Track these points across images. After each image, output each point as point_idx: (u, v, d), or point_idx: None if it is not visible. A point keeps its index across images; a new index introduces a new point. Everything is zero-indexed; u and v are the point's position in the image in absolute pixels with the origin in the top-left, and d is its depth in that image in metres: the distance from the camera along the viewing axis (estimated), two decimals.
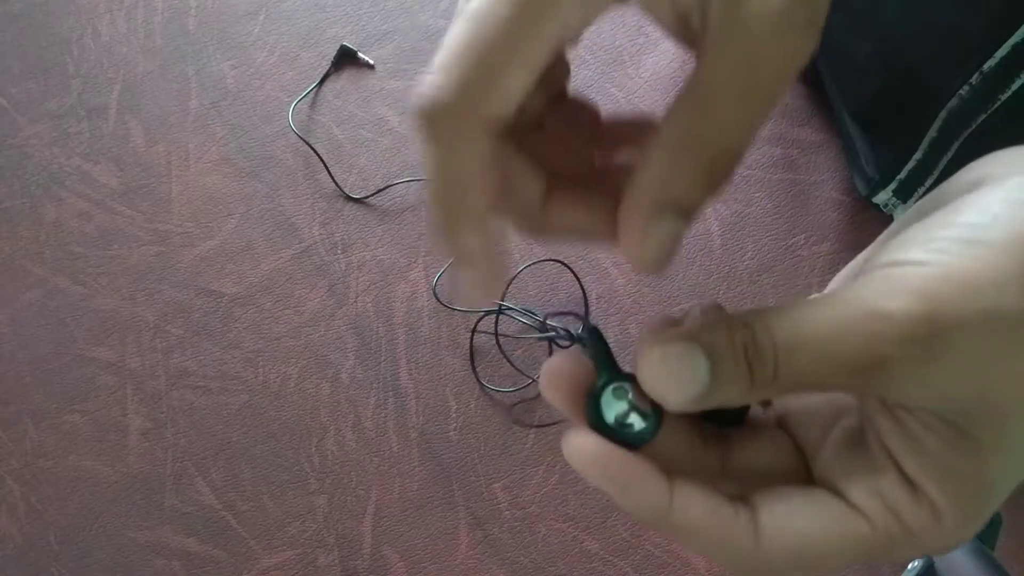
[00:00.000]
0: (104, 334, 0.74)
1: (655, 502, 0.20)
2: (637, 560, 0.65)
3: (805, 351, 0.18)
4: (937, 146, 0.57)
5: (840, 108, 0.67)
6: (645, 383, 0.19)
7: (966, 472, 0.18)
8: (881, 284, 0.18)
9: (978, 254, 0.18)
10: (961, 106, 0.54)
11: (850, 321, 0.18)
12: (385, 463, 0.69)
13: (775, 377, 0.19)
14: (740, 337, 0.19)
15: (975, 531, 0.20)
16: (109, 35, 0.84)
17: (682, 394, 0.19)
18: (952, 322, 0.17)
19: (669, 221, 0.19)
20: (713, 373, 0.19)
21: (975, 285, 0.17)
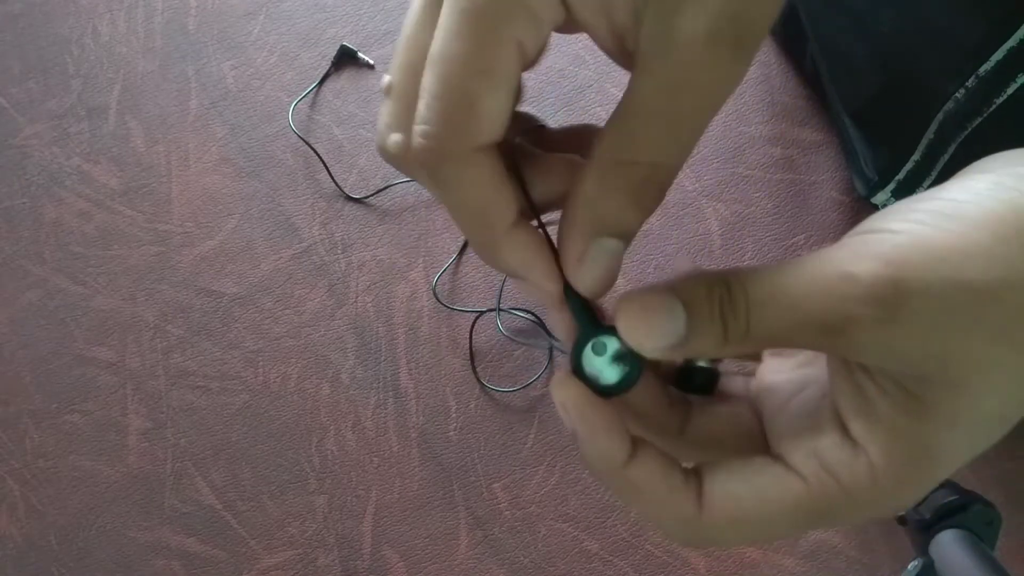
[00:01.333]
0: (104, 334, 0.74)
1: (616, 453, 0.21)
2: (637, 560, 0.65)
3: (775, 307, 0.19)
4: (934, 148, 0.58)
5: (839, 109, 0.67)
6: (623, 330, 0.20)
7: (912, 436, 0.19)
8: (852, 248, 0.19)
9: (952, 226, 0.18)
10: (957, 109, 0.54)
11: (819, 281, 0.19)
12: (385, 463, 0.69)
13: (747, 331, 0.19)
14: (717, 291, 0.20)
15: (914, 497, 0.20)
16: (109, 35, 0.84)
17: (659, 341, 0.20)
18: (915, 287, 0.18)
19: (605, 243, 0.20)
20: (689, 324, 0.20)
21: (942, 254, 0.18)
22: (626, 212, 0.20)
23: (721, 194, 0.73)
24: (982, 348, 0.18)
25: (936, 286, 0.18)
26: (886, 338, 0.18)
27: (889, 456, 0.19)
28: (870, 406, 0.19)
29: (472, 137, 0.19)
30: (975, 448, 0.19)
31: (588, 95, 0.78)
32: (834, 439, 0.20)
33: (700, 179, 0.74)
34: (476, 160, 0.19)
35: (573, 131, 0.24)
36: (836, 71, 0.65)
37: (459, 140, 0.19)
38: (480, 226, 0.21)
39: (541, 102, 0.78)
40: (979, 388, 0.18)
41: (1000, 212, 0.18)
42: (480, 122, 0.19)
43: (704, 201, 0.73)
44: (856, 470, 0.19)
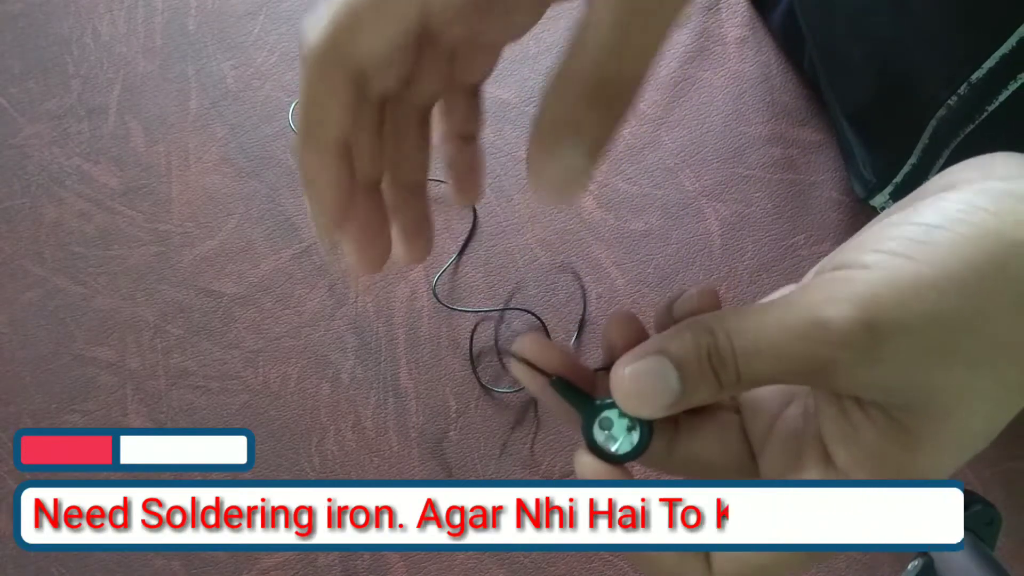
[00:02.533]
0: (104, 334, 0.74)
1: None
2: None
3: (760, 357, 0.20)
4: (929, 153, 0.58)
5: (836, 111, 0.67)
6: (622, 403, 0.21)
7: (898, 464, 0.19)
8: (825, 290, 0.19)
9: (924, 256, 0.18)
10: (950, 116, 0.54)
11: (796, 329, 0.19)
12: (385, 463, 0.69)
13: (738, 379, 0.20)
14: (704, 344, 0.20)
15: None
16: (109, 35, 0.84)
17: (656, 405, 0.21)
18: (890, 327, 0.18)
19: (568, 150, 0.20)
20: (682, 381, 0.20)
21: (915, 289, 0.18)
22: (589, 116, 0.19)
23: (721, 194, 0.73)
24: (963, 377, 0.18)
25: (911, 323, 0.18)
26: (867, 376, 0.19)
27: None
28: (856, 434, 0.20)
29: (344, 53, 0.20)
30: (956, 467, 0.20)
31: None
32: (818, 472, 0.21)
33: (700, 179, 0.74)
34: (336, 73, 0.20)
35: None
36: (833, 74, 0.66)
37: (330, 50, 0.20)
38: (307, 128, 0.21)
39: None
40: (962, 414, 0.19)
41: (972, 238, 0.18)
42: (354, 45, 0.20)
43: (704, 201, 0.73)
44: None
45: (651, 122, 0.76)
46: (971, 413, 0.19)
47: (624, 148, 0.75)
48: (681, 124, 0.76)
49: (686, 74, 0.77)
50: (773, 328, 0.20)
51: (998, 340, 0.18)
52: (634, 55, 0.19)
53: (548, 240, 0.73)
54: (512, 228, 0.74)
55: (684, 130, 0.76)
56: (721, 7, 0.79)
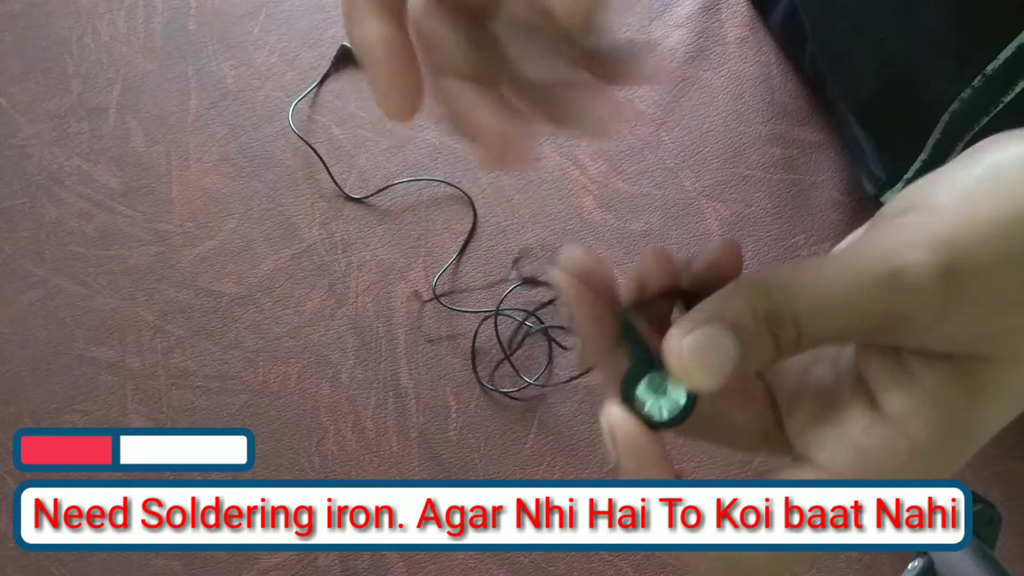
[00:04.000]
0: (104, 334, 0.74)
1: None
2: (637, 560, 0.65)
3: (827, 315, 0.18)
4: (941, 148, 0.57)
5: (844, 110, 0.67)
6: (681, 374, 0.20)
7: (958, 410, 0.18)
8: (900, 234, 0.18)
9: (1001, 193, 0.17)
10: (963, 109, 0.54)
11: (869, 279, 0.18)
12: (385, 463, 0.69)
13: (798, 340, 0.19)
14: (761, 306, 0.19)
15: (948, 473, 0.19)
16: (109, 35, 0.84)
17: (716, 376, 0.19)
18: (972, 270, 0.17)
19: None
20: (740, 347, 0.19)
21: (994, 229, 0.17)
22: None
23: (721, 194, 0.73)
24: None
25: (990, 266, 0.17)
26: (943, 326, 0.18)
27: (933, 431, 0.18)
28: (913, 380, 0.19)
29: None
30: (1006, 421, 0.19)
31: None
32: (864, 422, 0.19)
33: (700, 179, 0.74)
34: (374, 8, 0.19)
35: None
36: (838, 73, 0.65)
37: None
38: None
39: None
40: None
41: None
42: None
43: (704, 201, 0.73)
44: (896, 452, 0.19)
45: (651, 122, 0.76)
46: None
47: (624, 148, 0.76)
48: (681, 124, 0.76)
49: (686, 74, 0.77)
50: (839, 283, 0.18)
51: None
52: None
53: (548, 240, 0.73)
54: (512, 228, 0.74)
55: (684, 130, 0.76)
56: (721, 7, 0.79)
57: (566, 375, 0.70)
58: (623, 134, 0.75)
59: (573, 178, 0.75)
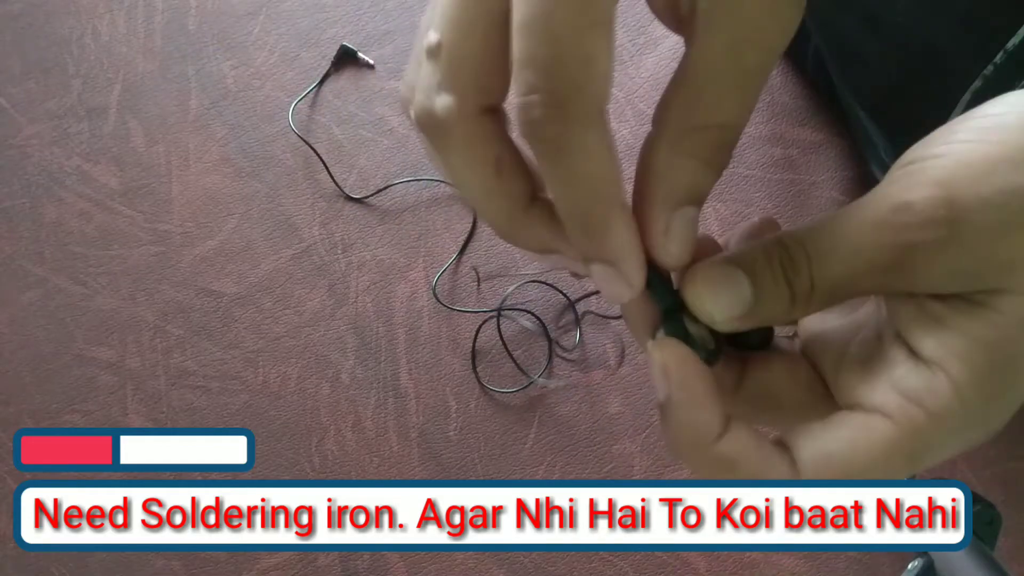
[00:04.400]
0: (104, 334, 0.74)
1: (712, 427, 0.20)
2: (637, 560, 0.65)
3: (836, 256, 0.19)
4: None
5: (852, 106, 0.67)
6: (693, 305, 0.20)
7: (989, 342, 0.18)
8: (902, 180, 0.19)
9: (994, 137, 0.18)
10: (986, 87, 0.53)
11: (876, 218, 0.19)
12: (385, 463, 0.69)
13: (812, 287, 0.19)
14: (776, 253, 0.20)
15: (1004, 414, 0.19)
16: (109, 35, 0.84)
17: (728, 311, 0.20)
18: (970, 202, 0.18)
19: (686, 212, 0.20)
20: (755, 291, 0.20)
21: (990, 165, 0.18)
22: (701, 178, 0.20)
23: (721, 194, 0.73)
24: None
25: (992, 196, 0.18)
26: (949, 259, 0.18)
27: (971, 366, 0.18)
28: (940, 323, 0.19)
29: (598, 95, 0.18)
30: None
31: None
32: (908, 367, 0.19)
33: None
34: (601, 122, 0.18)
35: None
36: (847, 68, 0.65)
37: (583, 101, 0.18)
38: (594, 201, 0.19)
39: None
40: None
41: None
42: (602, 77, 0.18)
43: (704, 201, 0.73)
44: (940, 391, 0.19)
45: (651, 122, 0.76)
46: None
47: (624, 148, 0.75)
48: None
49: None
50: (848, 226, 0.19)
51: None
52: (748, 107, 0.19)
53: None
54: None
55: None
56: None
57: (566, 375, 0.70)
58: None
59: None
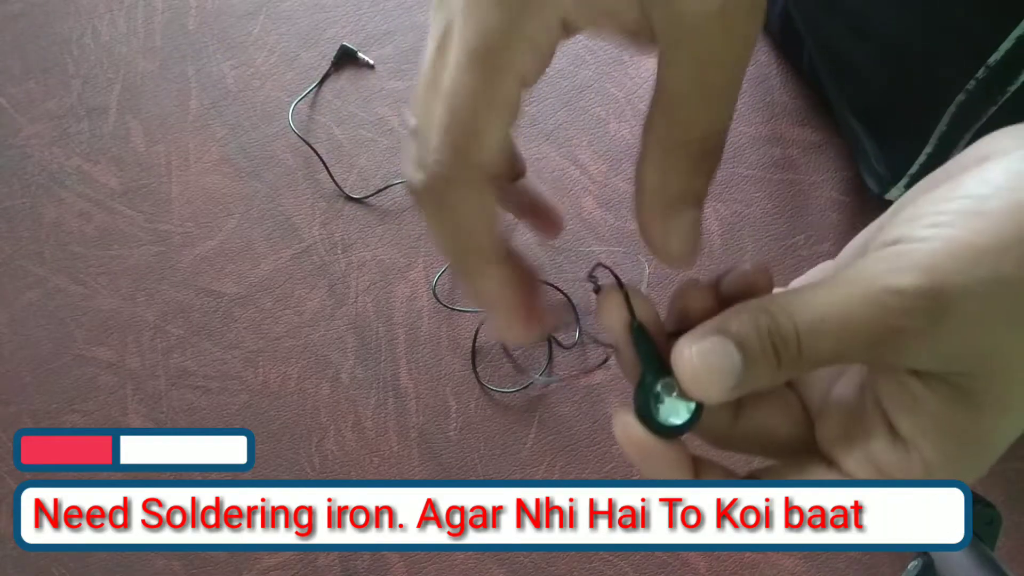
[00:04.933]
0: (104, 334, 0.74)
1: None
2: (637, 560, 0.65)
3: (826, 332, 0.20)
4: (947, 140, 0.57)
5: (843, 111, 0.67)
6: (685, 383, 0.21)
7: (963, 428, 0.19)
8: (890, 261, 0.19)
9: (979, 225, 0.19)
10: (969, 100, 0.54)
11: (865, 299, 0.19)
12: (385, 463, 0.69)
13: (799, 357, 0.20)
14: (764, 323, 0.20)
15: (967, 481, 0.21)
16: (109, 35, 0.84)
17: (720, 387, 0.20)
18: (956, 292, 0.18)
19: (684, 212, 0.21)
20: (744, 362, 0.20)
21: (975, 255, 0.18)
22: (693, 182, 0.21)
23: (721, 194, 0.73)
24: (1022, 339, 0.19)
25: (976, 287, 0.18)
26: (933, 343, 0.19)
27: (943, 452, 0.20)
28: (918, 404, 0.20)
29: (479, 164, 0.20)
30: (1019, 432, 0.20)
31: (588, 95, 0.78)
32: (884, 441, 0.21)
33: None
34: (481, 189, 0.20)
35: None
36: (838, 74, 0.65)
37: (467, 167, 0.20)
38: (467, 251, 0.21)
39: (541, 102, 0.78)
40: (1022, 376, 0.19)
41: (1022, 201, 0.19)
42: (486, 150, 0.20)
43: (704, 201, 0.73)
44: (912, 470, 0.20)
45: None
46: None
47: (624, 148, 0.75)
48: None
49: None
50: (838, 302, 0.20)
51: None
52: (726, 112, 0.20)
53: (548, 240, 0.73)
54: (512, 228, 0.74)
55: None
56: None
57: (566, 375, 0.70)
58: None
59: (573, 178, 0.75)
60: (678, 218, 0.21)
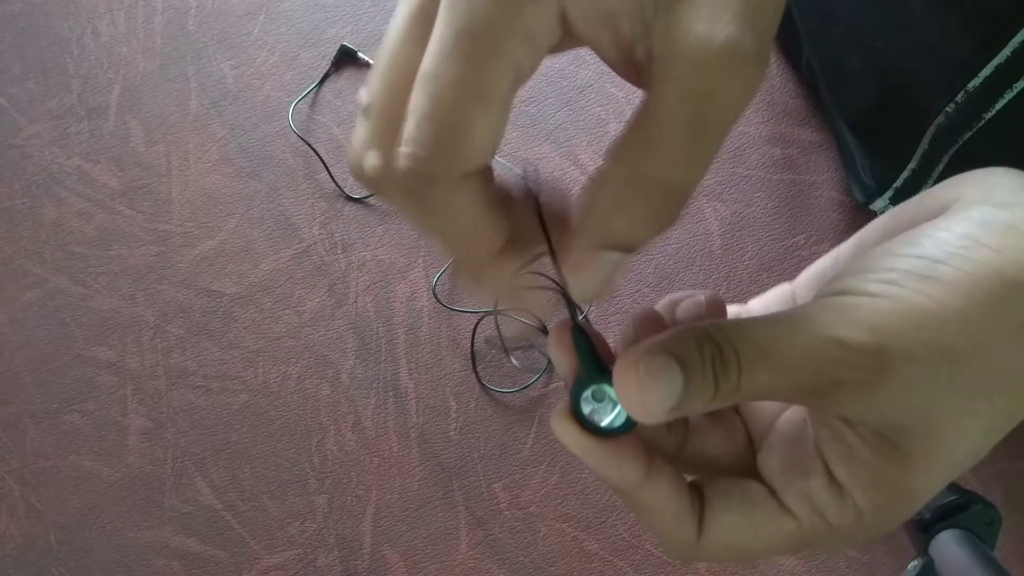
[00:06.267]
0: (104, 334, 0.74)
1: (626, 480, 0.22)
2: (637, 560, 0.65)
3: (766, 370, 0.20)
4: (929, 158, 0.58)
5: (836, 117, 0.67)
6: (623, 399, 0.21)
7: (892, 481, 0.20)
8: (839, 313, 0.20)
9: (928, 290, 0.19)
10: (948, 123, 0.55)
11: (809, 344, 0.19)
12: (385, 463, 0.69)
13: (736, 390, 0.20)
14: (708, 350, 0.20)
15: (892, 530, 0.22)
16: (109, 35, 0.84)
17: (660, 406, 0.20)
18: (898, 353, 0.19)
19: (609, 255, 0.20)
20: (685, 383, 0.20)
21: (921, 320, 0.19)
22: (638, 228, 0.19)
23: (721, 194, 0.73)
24: (958, 402, 0.19)
25: (917, 351, 0.19)
26: (871, 399, 0.19)
27: (873, 500, 0.20)
28: (852, 453, 0.21)
29: (463, 162, 0.18)
30: (945, 483, 0.21)
31: (588, 95, 0.78)
32: (822, 482, 0.21)
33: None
34: (467, 185, 0.18)
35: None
36: (833, 81, 0.66)
37: (450, 165, 0.18)
38: (468, 251, 0.20)
39: (541, 102, 0.78)
40: (955, 437, 0.20)
41: (974, 275, 0.19)
42: (472, 147, 0.18)
43: (704, 201, 0.73)
44: (843, 513, 0.21)
45: None
46: (963, 435, 0.20)
47: None
48: None
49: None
50: (782, 343, 0.20)
51: (994, 371, 0.19)
52: (703, 163, 0.19)
53: None
54: None
55: None
56: None
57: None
58: None
59: (573, 178, 0.75)
60: (602, 258, 0.20)
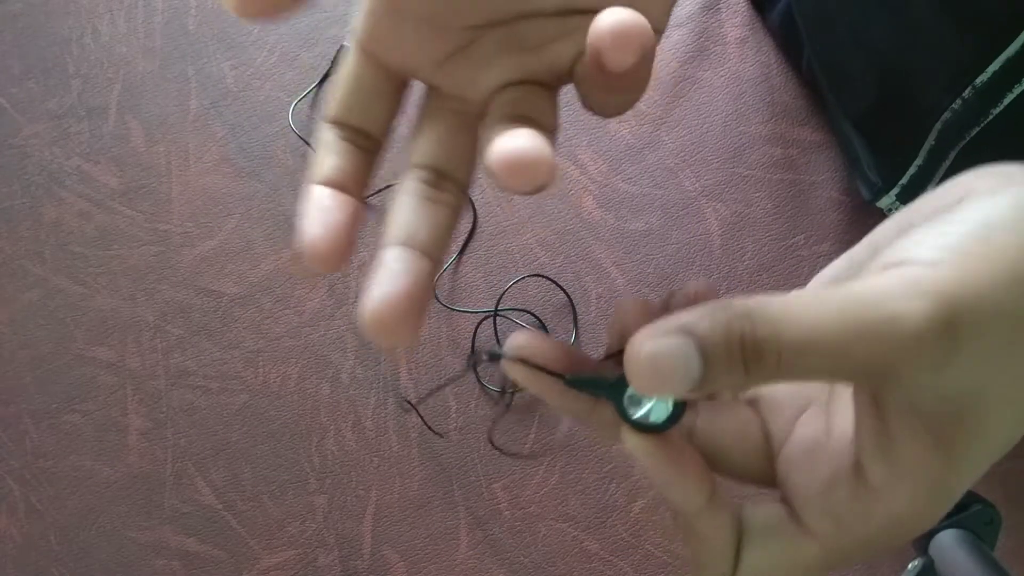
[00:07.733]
0: (104, 334, 0.74)
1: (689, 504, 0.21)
2: (637, 560, 0.65)
3: (816, 352, 0.18)
4: (935, 154, 0.58)
5: (840, 116, 0.67)
6: (634, 382, 0.19)
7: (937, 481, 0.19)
8: (896, 285, 0.18)
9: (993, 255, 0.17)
10: (955, 119, 0.54)
11: (866, 324, 0.17)
12: (385, 463, 0.69)
13: (777, 370, 0.18)
14: (738, 330, 0.18)
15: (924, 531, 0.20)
16: (109, 35, 0.84)
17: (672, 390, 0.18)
18: (968, 328, 0.17)
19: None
20: (705, 368, 0.18)
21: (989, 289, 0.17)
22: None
23: (721, 194, 0.73)
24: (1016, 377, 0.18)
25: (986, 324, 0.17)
26: (936, 378, 0.18)
27: (913, 503, 0.19)
28: (895, 451, 0.19)
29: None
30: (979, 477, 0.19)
31: None
32: (847, 491, 0.20)
33: (700, 179, 0.74)
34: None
35: None
36: (835, 80, 0.66)
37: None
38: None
39: None
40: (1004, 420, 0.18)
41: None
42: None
43: (704, 201, 0.73)
44: (875, 521, 0.19)
45: (651, 122, 0.76)
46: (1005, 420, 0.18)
47: (624, 148, 0.75)
48: (681, 124, 0.76)
49: (686, 74, 0.77)
50: (834, 322, 0.18)
51: None
52: None
53: (548, 240, 0.73)
54: (512, 228, 0.74)
55: (684, 130, 0.76)
56: (721, 7, 0.79)
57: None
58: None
59: (573, 178, 0.75)
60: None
